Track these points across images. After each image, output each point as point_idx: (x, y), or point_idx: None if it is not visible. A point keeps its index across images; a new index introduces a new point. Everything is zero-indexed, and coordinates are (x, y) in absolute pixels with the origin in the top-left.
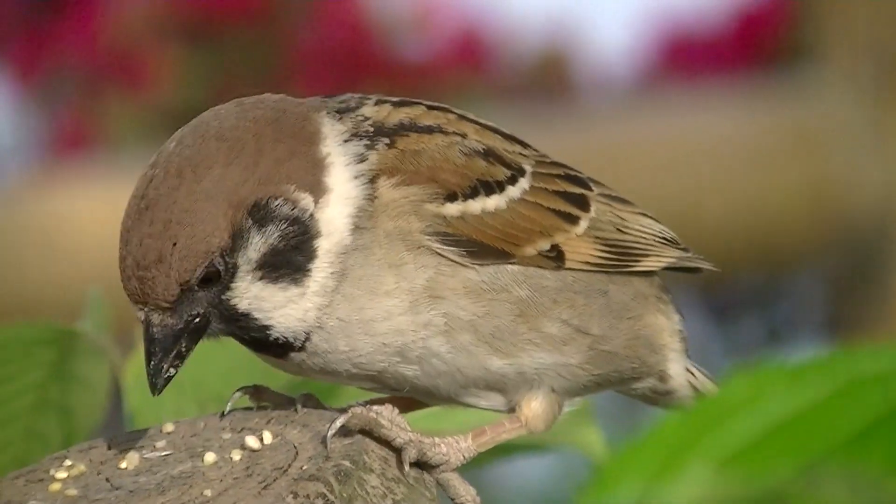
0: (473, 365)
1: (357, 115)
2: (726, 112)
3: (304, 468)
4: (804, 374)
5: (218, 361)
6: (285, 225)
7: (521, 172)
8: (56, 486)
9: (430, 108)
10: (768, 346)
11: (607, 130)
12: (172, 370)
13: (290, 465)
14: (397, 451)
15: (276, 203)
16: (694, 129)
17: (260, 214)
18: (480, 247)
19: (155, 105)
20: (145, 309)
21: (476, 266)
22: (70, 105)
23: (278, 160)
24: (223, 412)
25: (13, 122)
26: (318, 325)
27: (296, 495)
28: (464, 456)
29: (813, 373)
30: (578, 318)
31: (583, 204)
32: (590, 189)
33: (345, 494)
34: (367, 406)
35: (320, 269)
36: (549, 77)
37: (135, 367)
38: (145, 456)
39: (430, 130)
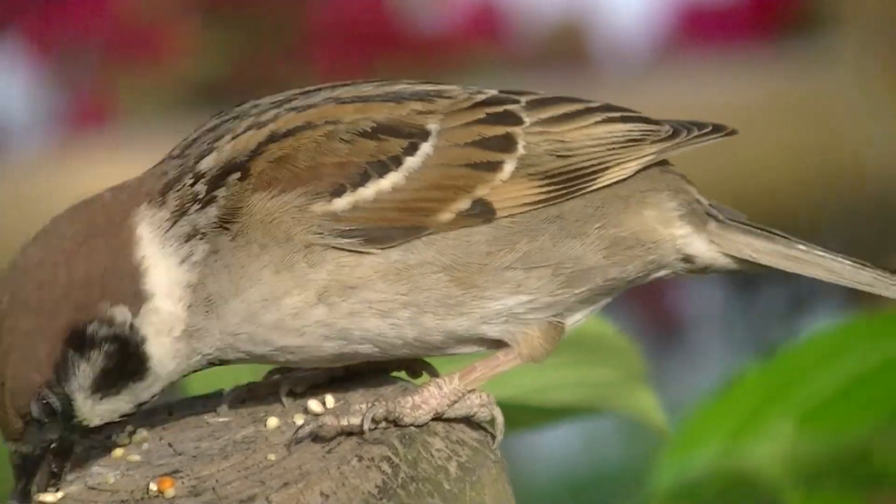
0: (428, 331)
1: (183, 184)
2: (742, 80)
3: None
4: (883, 328)
5: None
6: (106, 346)
7: (424, 136)
8: (119, 452)
9: (301, 111)
10: (791, 313)
11: (624, 100)
12: (52, 489)
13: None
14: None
15: (93, 328)
16: (710, 97)
17: (79, 344)
18: (384, 230)
19: (173, 78)
20: (14, 449)
21: (381, 250)
22: (88, 79)
23: (90, 280)
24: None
25: (31, 96)
26: (216, 348)
27: (360, 458)
28: (449, 399)
29: (891, 327)
30: (525, 259)
31: (506, 145)
32: (518, 122)
33: (409, 457)
34: (334, 410)
35: (161, 354)
36: (566, 47)
37: None
38: (207, 421)
39: (294, 132)
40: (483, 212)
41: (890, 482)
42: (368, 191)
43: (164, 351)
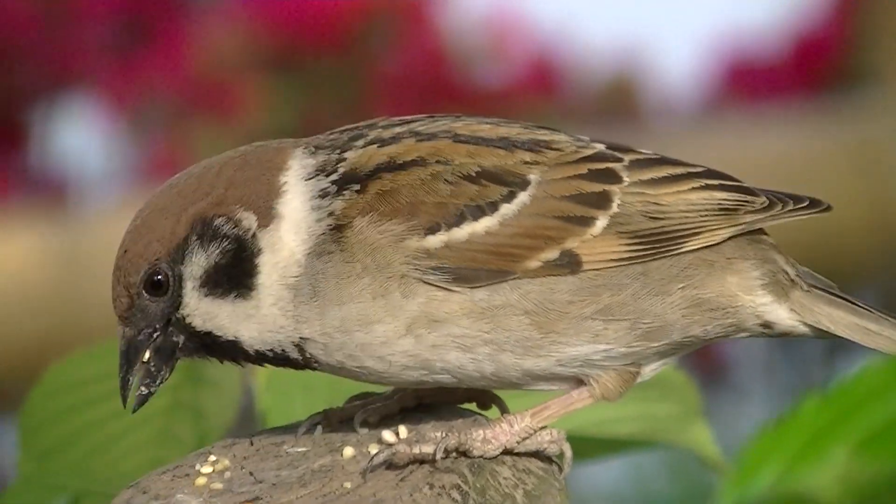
0: (506, 368)
1: (332, 155)
2: (787, 133)
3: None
4: None
5: None
6: (226, 243)
7: (524, 185)
8: (202, 481)
9: (421, 139)
10: (832, 361)
11: (674, 152)
12: (144, 389)
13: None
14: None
15: (219, 221)
16: (756, 149)
17: (202, 231)
18: (472, 270)
19: (243, 132)
20: (122, 327)
21: (468, 289)
22: (162, 132)
23: (233, 185)
24: (300, 431)
25: (108, 148)
26: (301, 337)
27: (432, 486)
28: (519, 437)
29: None
30: (605, 311)
31: (601, 202)
32: (618, 181)
33: (478, 485)
34: (408, 439)
35: (268, 285)
36: (619, 101)
37: (265, 370)
38: (287, 451)
39: (407, 166)
40: (570, 263)
41: None
42: (462, 232)
43: (271, 283)
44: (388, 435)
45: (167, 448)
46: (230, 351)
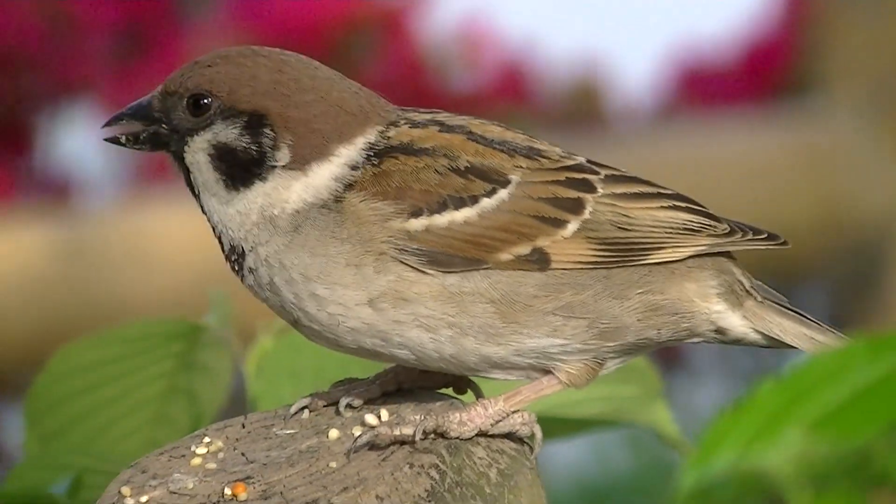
0: (466, 352)
1: (386, 133)
2: (739, 136)
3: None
4: (884, 346)
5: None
6: (254, 149)
7: (505, 184)
8: (197, 461)
9: (444, 129)
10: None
11: (634, 154)
12: (123, 139)
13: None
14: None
15: (267, 132)
16: (710, 151)
17: (255, 124)
18: (448, 256)
19: None
20: (157, 88)
21: (441, 273)
22: None
23: (306, 117)
24: (288, 415)
25: (107, 153)
26: (243, 248)
27: (412, 465)
28: (493, 420)
29: (892, 344)
30: (566, 308)
31: (575, 207)
32: (592, 190)
33: (455, 465)
34: (389, 421)
35: (251, 200)
36: (583, 106)
37: (255, 358)
38: (276, 433)
39: (418, 153)
40: (539, 260)
41: (891, 483)
42: (443, 219)
43: (254, 201)
44: (370, 418)
45: (163, 430)
46: (193, 194)
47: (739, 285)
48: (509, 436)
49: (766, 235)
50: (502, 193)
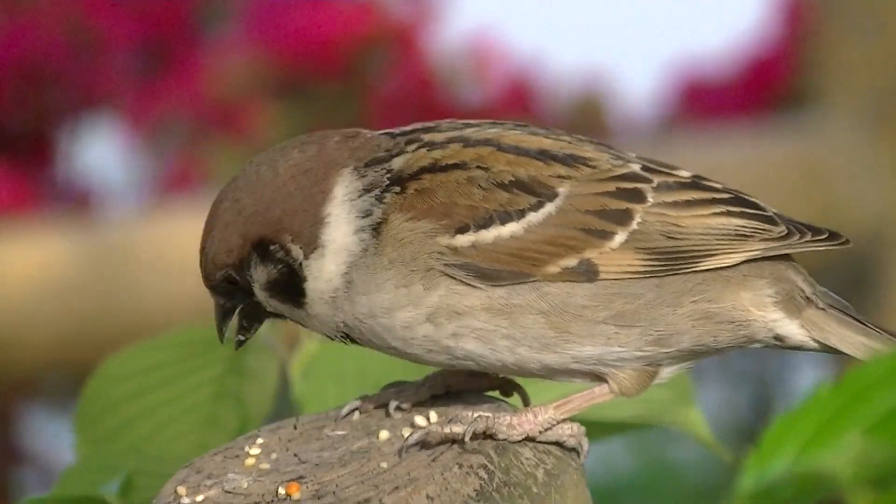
0: (525, 360)
1: (382, 168)
2: (739, 149)
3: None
4: None
5: (380, 355)
6: (280, 266)
7: (552, 197)
8: (251, 461)
9: (468, 145)
10: (776, 353)
11: None
12: (241, 336)
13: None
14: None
15: (273, 248)
16: (710, 163)
17: (261, 252)
18: (494, 270)
19: (251, 148)
20: (212, 286)
21: (489, 287)
22: (177, 149)
23: (286, 212)
24: (340, 416)
25: (128, 163)
26: (343, 322)
27: (461, 466)
28: (542, 427)
29: None
30: (618, 317)
31: (623, 218)
32: (642, 201)
33: (503, 465)
34: (441, 421)
35: (314, 299)
36: (586, 118)
37: (300, 362)
38: (327, 434)
39: (448, 169)
40: (587, 271)
41: None
42: (489, 234)
43: (315, 299)
44: (420, 419)
45: (213, 433)
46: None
47: (800, 292)
48: (556, 444)
49: (826, 235)
50: (549, 207)
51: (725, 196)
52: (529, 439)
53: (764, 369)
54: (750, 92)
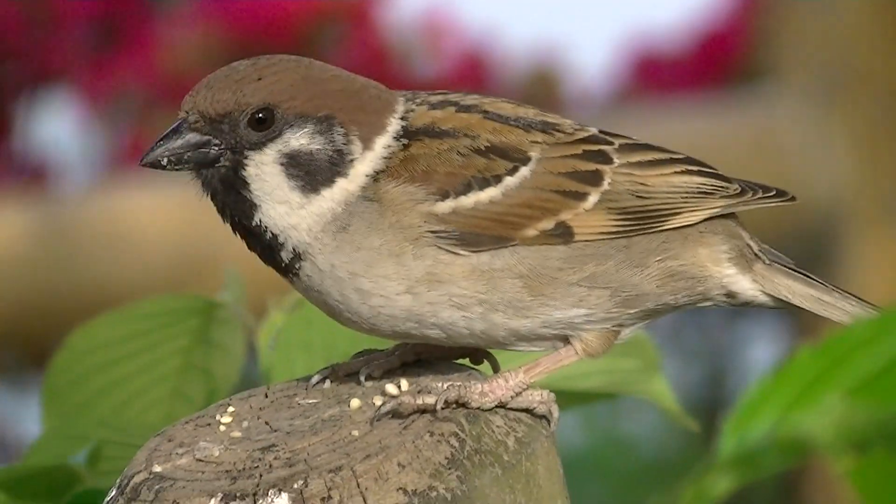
0: (495, 327)
1: (410, 109)
2: (693, 121)
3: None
4: None
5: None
6: (329, 149)
7: (526, 161)
8: (222, 429)
9: (460, 109)
10: (733, 326)
11: None
12: (165, 160)
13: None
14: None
15: (338, 131)
16: (664, 136)
17: (324, 125)
18: (476, 236)
19: None
20: (188, 114)
21: (472, 253)
22: (130, 122)
23: (362, 106)
24: (310, 385)
25: (81, 136)
26: (307, 252)
27: (432, 434)
28: (513, 391)
29: None
30: (590, 279)
31: (594, 180)
32: (609, 162)
33: (474, 433)
34: (412, 390)
35: (329, 200)
36: (541, 92)
37: (267, 332)
38: (299, 402)
39: (440, 135)
40: (563, 234)
41: None
42: (469, 200)
43: (329, 201)
44: (391, 387)
45: (180, 404)
46: (243, 214)
47: (748, 249)
48: (528, 412)
49: (774, 192)
50: (524, 171)
51: (680, 156)
52: (501, 406)
53: (715, 345)
54: (703, 66)
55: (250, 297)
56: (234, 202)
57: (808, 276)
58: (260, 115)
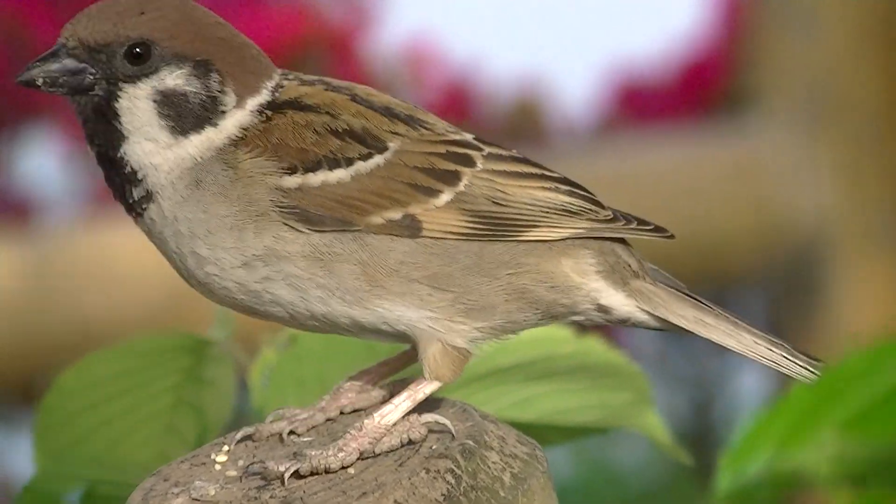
0: (335, 314)
1: (280, 84)
2: (677, 151)
3: (434, 447)
4: None
5: (339, 358)
6: (204, 94)
7: (382, 150)
8: (217, 468)
9: (330, 88)
10: (723, 353)
11: (574, 168)
12: (40, 80)
13: (420, 445)
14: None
15: (215, 77)
16: (648, 164)
17: (201, 69)
18: (319, 215)
19: None
20: (67, 40)
21: (314, 232)
22: None
23: (241, 59)
24: (227, 445)
25: (63, 173)
26: (158, 195)
27: (428, 470)
28: (370, 438)
29: None
30: (433, 278)
31: (450, 179)
32: (471, 165)
33: (470, 469)
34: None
35: (194, 146)
36: (524, 122)
37: (259, 369)
38: (293, 440)
39: (302, 108)
40: (410, 226)
41: None
42: (316, 178)
43: (192, 149)
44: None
45: (172, 442)
46: (106, 146)
47: (625, 265)
48: (518, 437)
49: (652, 227)
50: (378, 159)
51: (555, 175)
52: (367, 455)
53: (703, 373)
54: (687, 94)
55: (240, 333)
56: (103, 132)
57: (696, 299)
58: (137, 49)
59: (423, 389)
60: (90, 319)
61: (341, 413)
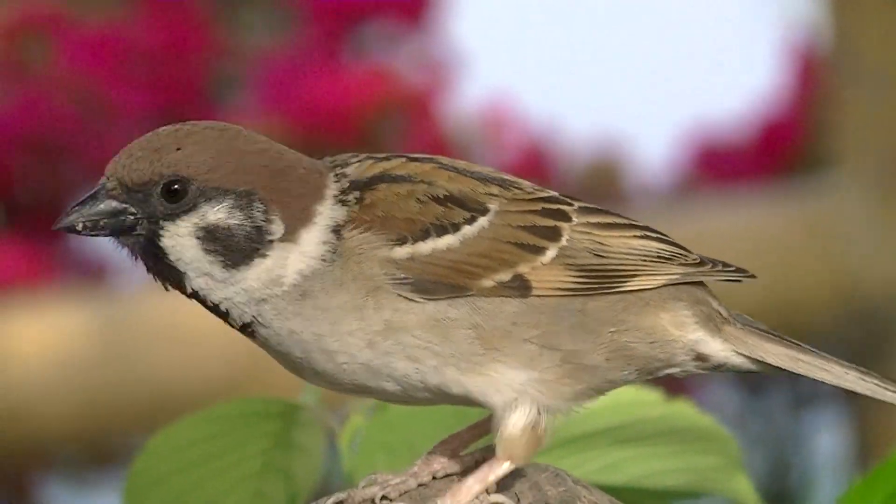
0: (447, 382)
1: (342, 174)
2: (753, 212)
3: None
4: None
5: (426, 423)
6: (248, 226)
7: (484, 212)
8: None
9: (411, 159)
10: (798, 412)
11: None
12: (80, 226)
13: None
14: None
15: (258, 207)
16: (725, 226)
17: (244, 200)
18: (433, 283)
19: None
20: (107, 180)
21: (429, 301)
22: None
23: (290, 186)
24: None
25: None
26: (256, 322)
27: None
28: None
29: None
30: (543, 337)
31: (552, 235)
32: (568, 220)
33: None
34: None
35: (251, 280)
36: (601, 183)
37: (348, 436)
38: None
39: (397, 180)
40: (520, 286)
41: None
42: (426, 247)
43: (254, 282)
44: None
45: None
46: (174, 279)
47: (716, 313)
48: None
49: (734, 269)
50: (482, 221)
51: (640, 223)
52: None
53: (780, 431)
54: (764, 156)
55: (328, 397)
56: (161, 270)
57: (784, 338)
58: (174, 186)
59: (496, 472)
60: (164, 380)
61: (433, 478)
